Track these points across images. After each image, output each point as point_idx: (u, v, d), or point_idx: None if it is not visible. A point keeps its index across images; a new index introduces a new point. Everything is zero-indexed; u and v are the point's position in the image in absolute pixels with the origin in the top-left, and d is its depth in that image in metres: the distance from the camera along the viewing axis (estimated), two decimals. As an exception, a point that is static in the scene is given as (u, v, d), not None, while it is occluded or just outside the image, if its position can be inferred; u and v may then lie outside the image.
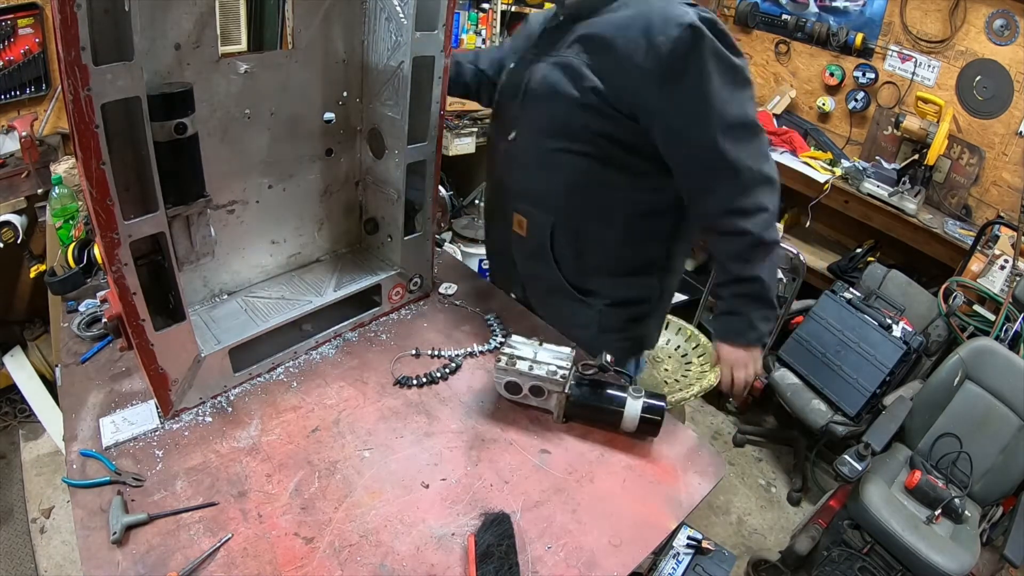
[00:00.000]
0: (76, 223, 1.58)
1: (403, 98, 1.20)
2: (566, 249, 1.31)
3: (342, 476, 1.04)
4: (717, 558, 1.17)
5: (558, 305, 1.37)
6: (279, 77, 1.16)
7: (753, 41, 3.30)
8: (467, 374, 1.29)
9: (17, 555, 2.01)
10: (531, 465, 1.10)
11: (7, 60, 2.09)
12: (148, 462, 1.04)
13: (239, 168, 1.19)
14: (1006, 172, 2.58)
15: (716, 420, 2.90)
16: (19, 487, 2.23)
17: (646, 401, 1.13)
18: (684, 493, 1.08)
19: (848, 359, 2.34)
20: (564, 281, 1.34)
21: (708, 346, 2.18)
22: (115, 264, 0.91)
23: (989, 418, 1.95)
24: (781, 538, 2.32)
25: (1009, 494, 1.92)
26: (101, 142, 0.82)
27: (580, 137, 1.18)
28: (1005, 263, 2.24)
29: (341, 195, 1.40)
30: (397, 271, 1.40)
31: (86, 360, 1.25)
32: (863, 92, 2.93)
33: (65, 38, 0.73)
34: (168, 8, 0.96)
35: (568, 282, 1.34)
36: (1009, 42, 2.47)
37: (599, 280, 1.34)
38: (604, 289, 1.34)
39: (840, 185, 2.78)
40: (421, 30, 1.14)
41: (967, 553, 1.76)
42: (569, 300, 1.36)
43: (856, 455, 1.84)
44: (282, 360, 1.26)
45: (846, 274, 2.83)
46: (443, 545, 0.95)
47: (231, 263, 1.28)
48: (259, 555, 0.91)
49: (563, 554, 0.96)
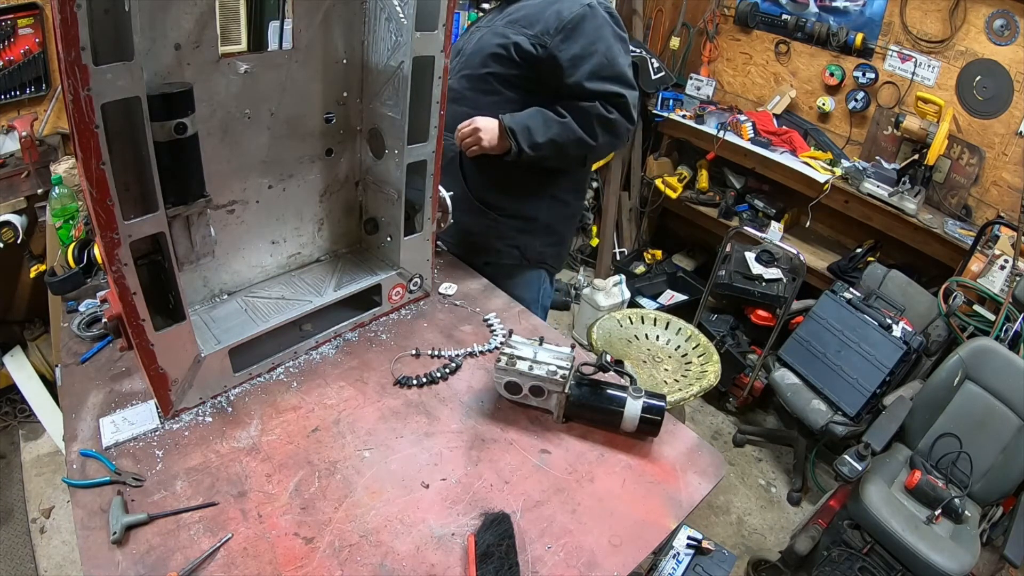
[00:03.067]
0: (76, 223, 1.58)
1: (403, 98, 1.20)
2: (473, 167, 1.61)
3: (342, 476, 1.04)
4: (717, 558, 1.17)
5: (459, 217, 1.59)
6: (279, 77, 1.16)
7: (753, 41, 3.30)
8: (467, 374, 1.29)
9: (17, 555, 2.01)
10: (531, 465, 1.10)
11: (7, 60, 2.09)
12: (148, 462, 1.04)
13: (239, 168, 1.19)
14: (1006, 172, 2.58)
15: (716, 420, 2.90)
16: (19, 487, 2.23)
17: (646, 401, 1.13)
18: (684, 493, 1.08)
19: (848, 359, 2.34)
20: (469, 194, 1.62)
21: (708, 346, 2.18)
22: (115, 264, 0.91)
23: (989, 418, 1.95)
24: (781, 538, 2.32)
25: (1009, 494, 1.92)
26: (101, 142, 0.82)
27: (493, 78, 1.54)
28: (1005, 263, 2.24)
29: (341, 195, 1.40)
30: (397, 271, 1.40)
31: (86, 360, 1.25)
32: (863, 92, 2.93)
33: (65, 38, 0.73)
34: (168, 8, 0.96)
35: (472, 194, 1.63)
36: (1009, 42, 2.47)
37: (496, 195, 1.64)
38: (499, 203, 1.65)
39: (840, 185, 2.78)
40: (421, 30, 1.14)
41: (967, 553, 1.76)
42: (470, 212, 1.64)
43: (856, 455, 1.84)
44: (282, 360, 1.26)
45: (846, 274, 2.83)
46: (443, 545, 0.95)
47: (231, 263, 1.28)
48: (259, 555, 0.91)
49: (563, 554, 0.96)
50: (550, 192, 1.67)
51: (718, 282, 2.71)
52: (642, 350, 2.19)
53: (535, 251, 1.73)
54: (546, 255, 1.77)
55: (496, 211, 1.65)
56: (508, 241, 1.70)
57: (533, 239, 1.71)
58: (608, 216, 3.60)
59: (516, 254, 1.71)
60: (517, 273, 1.76)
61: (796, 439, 2.63)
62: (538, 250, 1.74)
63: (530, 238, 1.71)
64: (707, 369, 2.07)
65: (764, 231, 2.93)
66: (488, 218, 1.66)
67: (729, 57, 3.43)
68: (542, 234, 1.72)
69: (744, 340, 2.86)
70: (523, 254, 1.72)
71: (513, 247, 1.70)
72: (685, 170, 3.53)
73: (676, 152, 3.67)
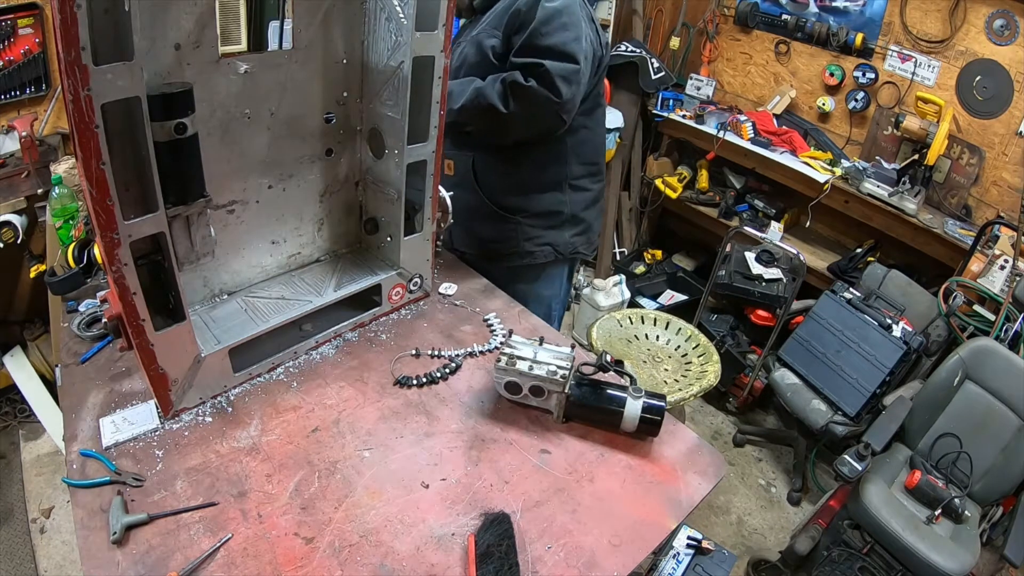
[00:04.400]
0: (76, 223, 1.58)
1: (403, 98, 1.20)
2: (487, 176, 1.63)
3: (342, 476, 1.04)
4: (717, 558, 1.17)
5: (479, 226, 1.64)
6: (279, 77, 1.16)
7: (753, 41, 3.30)
8: (467, 374, 1.29)
9: (17, 555, 2.01)
10: (531, 465, 1.10)
11: (7, 60, 2.09)
12: (148, 462, 1.04)
13: (239, 168, 1.19)
14: (1006, 172, 2.58)
15: (716, 420, 2.89)
16: (19, 487, 2.23)
17: (646, 401, 1.13)
18: (684, 493, 1.08)
19: (848, 359, 2.33)
20: (487, 202, 1.63)
21: (708, 346, 2.18)
22: (115, 264, 0.91)
23: (989, 418, 1.95)
24: (781, 538, 2.32)
25: (1009, 494, 1.92)
26: (101, 142, 0.82)
27: None
28: (1005, 263, 2.23)
29: (341, 195, 1.40)
30: (397, 271, 1.40)
31: (86, 360, 1.25)
32: (863, 92, 2.93)
33: (65, 38, 0.73)
34: (168, 8, 0.96)
35: (491, 202, 1.64)
36: (1009, 42, 2.47)
37: (516, 198, 1.65)
38: (521, 204, 1.65)
39: (840, 185, 2.78)
40: (421, 30, 1.14)
41: (967, 553, 1.76)
42: (492, 219, 1.65)
43: (856, 455, 1.84)
44: (282, 360, 1.26)
45: (846, 274, 2.83)
46: (443, 545, 0.95)
47: (231, 263, 1.28)
48: (259, 555, 0.91)
49: (563, 554, 0.96)
50: (567, 182, 1.67)
51: (718, 282, 2.71)
52: (642, 350, 2.19)
53: (566, 244, 1.74)
54: (578, 245, 1.78)
55: (520, 214, 1.66)
56: (538, 241, 1.70)
57: (562, 233, 1.72)
58: (608, 216, 3.60)
59: (549, 251, 1.72)
60: (542, 271, 1.77)
61: (796, 439, 2.63)
62: (569, 242, 1.74)
63: (559, 233, 1.71)
64: (707, 369, 2.07)
65: (764, 231, 2.93)
66: (512, 223, 1.66)
67: (729, 57, 3.43)
68: (569, 226, 1.72)
69: (744, 340, 2.86)
70: (556, 250, 1.73)
71: (546, 245, 1.71)
72: (685, 170, 3.53)
73: (676, 152, 3.66)
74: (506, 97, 1.45)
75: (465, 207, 1.59)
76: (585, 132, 1.64)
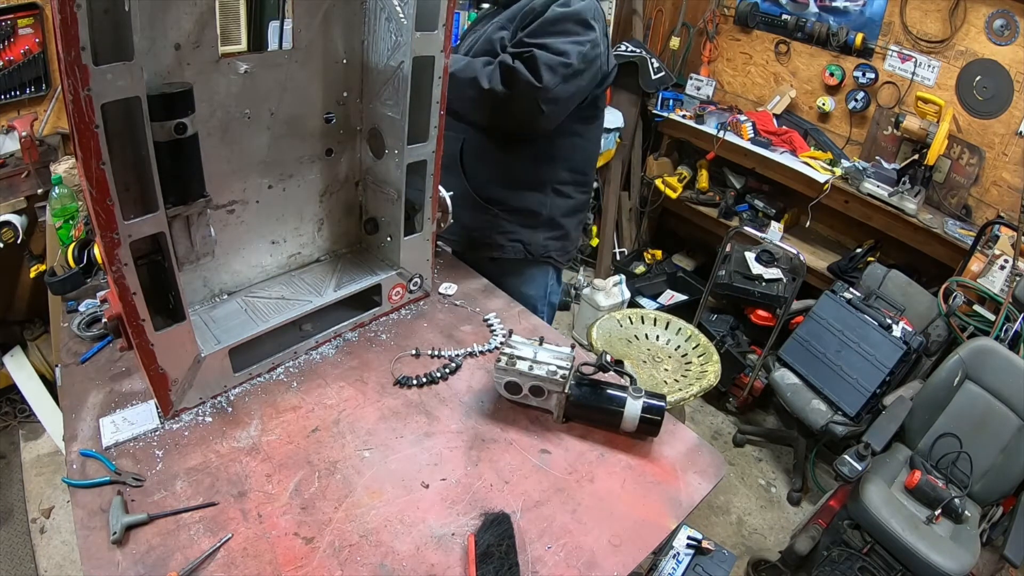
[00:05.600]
0: (76, 223, 1.58)
1: (403, 98, 1.20)
2: (473, 163, 1.63)
3: (342, 476, 1.04)
4: (717, 558, 1.17)
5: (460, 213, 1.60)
6: (279, 77, 1.16)
7: (753, 41, 3.30)
8: (467, 374, 1.29)
9: (17, 555, 2.01)
10: (531, 465, 1.10)
11: (7, 60, 2.09)
12: (148, 462, 1.04)
13: (239, 168, 1.19)
14: (1006, 172, 2.58)
15: (716, 420, 2.90)
16: (19, 487, 2.23)
17: (646, 401, 1.13)
18: (684, 493, 1.08)
19: (848, 359, 2.34)
20: (469, 190, 1.63)
21: (708, 346, 2.18)
22: (115, 264, 0.91)
23: (989, 418, 1.95)
24: (781, 538, 2.32)
25: (1009, 494, 1.92)
26: (101, 142, 0.82)
27: None
28: (1005, 263, 2.23)
29: (341, 195, 1.40)
30: (397, 271, 1.40)
31: (86, 360, 1.25)
32: (863, 92, 2.93)
33: (65, 38, 0.73)
34: (168, 8, 0.96)
35: (473, 191, 1.64)
36: (1009, 42, 2.47)
37: (497, 190, 1.66)
38: (501, 197, 1.66)
39: (840, 185, 2.78)
40: (421, 30, 1.14)
41: (967, 553, 1.76)
42: (471, 208, 1.65)
43: (856, 455, 1.84)
44: (282, 360, 1.26)
45: (846, 274, 2.83)
46: (443, 545, 0.95)
47: (231, 263, 1.28)
48: (259, 555, 0.91)
49: (563, 554, 0.96)
50: (551, 185, 1.68)
51: (718, 282, 2.71)
52: (642, 350, 2.19)
53: (539, 245, 1.74)
54: (550, 249, 1.77)
55: (498, 206, 1.66)
56: (511, 236, 1.71)
57: (536, 233, 1.72)
58: (608, 216, 3.60)
59: (520, 248, 1.72)
60: (523, 269, 1.77)
61: (796, 439, 2.63)
62: (542, 243, 1.75)
63: (533, 232, 1.72)
64: (707, 369, 2.07)
65: (764, 231, 2.93)
66: (490, 214, 1.67)
67: (729, 57, 3.43)
68: (545, 228, 1.73)
69: (744, 340, 2.86)
70: (527, 249, 1.73)
71: (516, 241, 1.72)
72: (685, 170, 3.53)
73: (676, 152, 3.67)
74: (491, 74, 1.45)
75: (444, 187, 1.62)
76: (578, 140, 1.66)
